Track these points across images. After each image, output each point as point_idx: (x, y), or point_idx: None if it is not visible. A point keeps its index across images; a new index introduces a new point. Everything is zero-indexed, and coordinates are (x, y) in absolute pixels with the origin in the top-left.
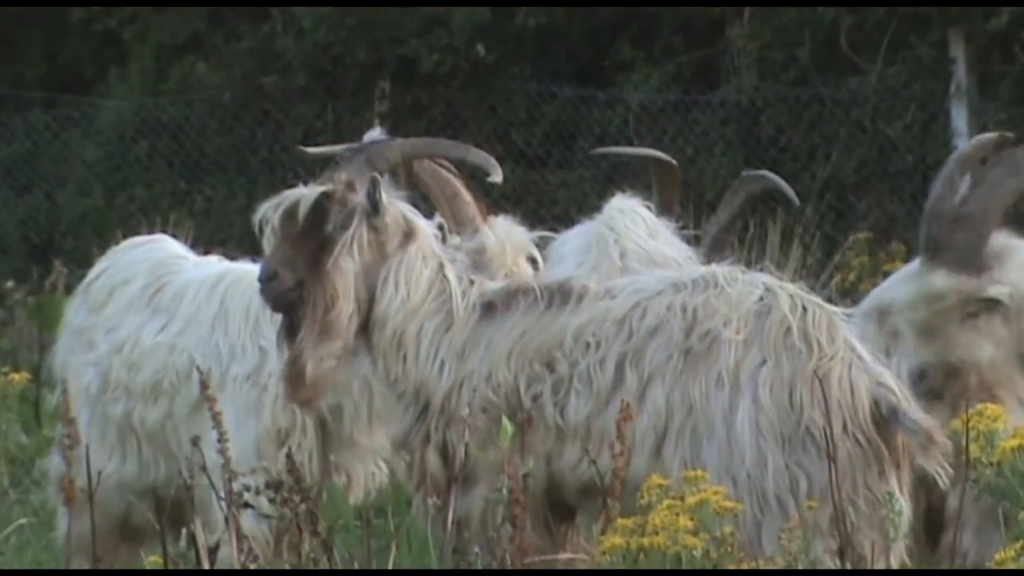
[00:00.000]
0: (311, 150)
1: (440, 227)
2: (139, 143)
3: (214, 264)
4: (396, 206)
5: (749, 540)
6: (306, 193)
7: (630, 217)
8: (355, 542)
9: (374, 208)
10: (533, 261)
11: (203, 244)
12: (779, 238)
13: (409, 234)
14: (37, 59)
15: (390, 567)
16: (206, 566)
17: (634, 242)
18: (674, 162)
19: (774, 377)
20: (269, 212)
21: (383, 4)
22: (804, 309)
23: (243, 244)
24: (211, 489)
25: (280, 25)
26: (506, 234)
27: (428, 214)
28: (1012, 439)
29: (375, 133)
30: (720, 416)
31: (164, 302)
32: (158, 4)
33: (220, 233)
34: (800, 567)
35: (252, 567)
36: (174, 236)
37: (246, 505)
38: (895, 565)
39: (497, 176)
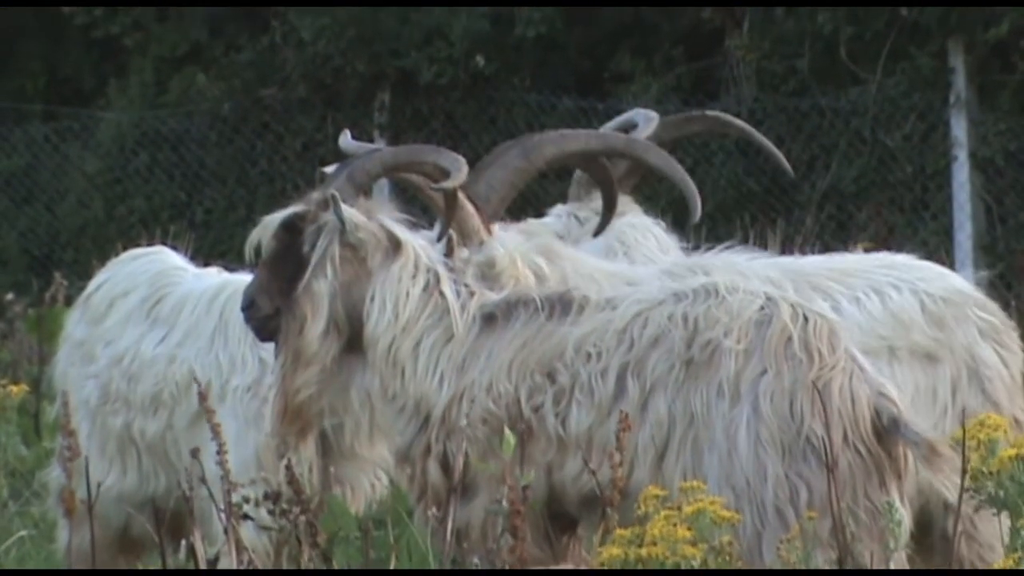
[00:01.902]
0: None
1: (449, 239)
2: (139, 155)
3: (214, 276)
4: (377, 220)
5: (749, 550)
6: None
7: (641, 232)
8: (355, 553)
9: (342, 224)
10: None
11: (203, 256)
12: (779, 248)
13: (393, 249)
14: (37, 71)
15: None
16: None
17: (644, 255)
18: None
19: (775, 387)
20: (257, 236)
21: (380, 4)
22: (805, 319)
23: (243, 256)
24: (211, 501)
25: (280, 37)
26: (514, 246)
27: (428, 226)
28: (1011, 449)
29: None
30: (721, 426)
31: (164, 314)
32: (160, 4)
33: (220, 245)
34: None
35: None
36: (174, 248)
37: (245, 517)
38: None
39: (450, 184)
